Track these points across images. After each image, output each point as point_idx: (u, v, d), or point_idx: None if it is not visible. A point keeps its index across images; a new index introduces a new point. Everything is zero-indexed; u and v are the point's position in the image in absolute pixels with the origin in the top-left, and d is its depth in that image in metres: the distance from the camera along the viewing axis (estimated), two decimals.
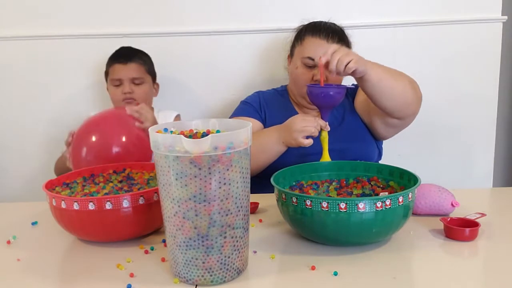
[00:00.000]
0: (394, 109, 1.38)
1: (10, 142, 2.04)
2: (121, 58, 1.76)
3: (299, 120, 1.32)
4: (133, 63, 1.76)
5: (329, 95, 1.33)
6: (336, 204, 0.95)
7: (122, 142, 1.42)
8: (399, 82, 1.34)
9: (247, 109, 1.63)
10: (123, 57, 1.76)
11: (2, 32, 1.95)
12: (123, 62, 1.75)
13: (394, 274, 0.92)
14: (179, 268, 0.90)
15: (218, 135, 0.83)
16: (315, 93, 1.34)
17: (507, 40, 2.06)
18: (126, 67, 1.75)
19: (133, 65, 1.76)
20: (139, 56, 1.79)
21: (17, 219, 1.29)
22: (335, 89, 1.33)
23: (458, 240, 1.05)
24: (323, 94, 1.33)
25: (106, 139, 1.43)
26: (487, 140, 2.03)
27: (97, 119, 1.51)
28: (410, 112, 1.44)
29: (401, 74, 1.38)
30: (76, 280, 0.95)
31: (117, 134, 1.44)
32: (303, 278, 0.91)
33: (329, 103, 1.34)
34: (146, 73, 1.79)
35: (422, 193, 1.19)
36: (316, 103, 1.36)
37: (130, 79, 1.74)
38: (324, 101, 1.34)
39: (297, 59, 1.56)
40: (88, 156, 1.42)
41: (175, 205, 0.86)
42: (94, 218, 1.04)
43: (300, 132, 1.31)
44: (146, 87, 1.78)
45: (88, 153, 1.42)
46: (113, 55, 1.79)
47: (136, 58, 1.77)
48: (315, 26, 1.57)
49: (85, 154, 1.42)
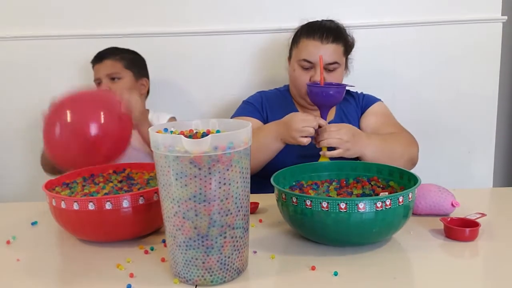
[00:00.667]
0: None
1: (10, 142, 2.04)
2: (97, 58, 1.77)
3: (299, 119, 1.32)
4: (107, 60, 1.75)
5: (328, 94, 1.33)
6: (336, 204, 0.95)
7: (100, 120, 1.36)
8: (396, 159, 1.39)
9: (248, 108, 1.63)
10: (99, 57, 1.77)
11: (2, 32, 1.95)
12: (98, 61, 1.76)
13: (394, 274, 0.92)
14: (179, 268, 0.90)
15: (218, 135, 0.83)
16: (315, 92, 1.34)
17: (507, 40, 2.06)
18: (101, 65, 1.75)
19: (108, 62, 1.75)
20: (116, 53, 1.77)
21: (17, 219, 1.29)
22: (335, 88, 1.34)
23: (458, 240, 1.05)
24: (323, 93, 1.33)
25: (83, 116, 1.36)
26: (487, 140, 2.03)
27: (74, 96, 1.44)
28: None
29: (404, 146, 1.46)
30: (76, 280, 0.95)
31: (95, 111, 1.37)
32: (303, 278, 0.91)
33: (328, 102, 1.35)
34: (123, 68, 1.76)
35: (422, 193, 1.19)
36: (316, 102, 1.37)
37: (106, 75, 1.73)
38: (324, 100, 1.34)
39: (294, 61, 1.57)
40: (63, 134, 1.35)
41: (175, 205, 0.86)
42: (94, 218, 1.04)
43: (299, 132, 1.31)
44: (125, 83, 1.75)
45: (62, 130, 1.35)
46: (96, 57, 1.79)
47: (112, 55, 1.76)
48: (310, 28, 1.57)
49: (59, 132, 1.35)
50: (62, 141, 1.35)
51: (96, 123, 1.35)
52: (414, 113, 1.96)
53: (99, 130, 1.35)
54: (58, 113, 1.37)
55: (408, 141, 1.50)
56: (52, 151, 1.39)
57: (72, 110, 1.37)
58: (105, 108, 1.40)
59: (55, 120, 1.37)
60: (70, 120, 1.35)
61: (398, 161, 1.38)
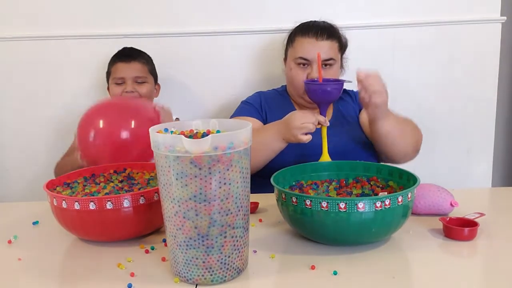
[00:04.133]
0: (388, 156, 1.49)
1: (11, 142, 2.05)
2: (124, 56, 1.76)
3: (299, 116, 1.33)
4: (136, 62, 1.76)
5: (326, 91, 1.33)
6: (335, 204, 0.95)
7: (132, 127, 1.36)
8: (405, 139, 1.44)
9: (248, 109, 1.63)
10: (127, 56, 1.76)
11: (3, 33, 1.95)
12: (126, 60, 1.75)
13: (394, 273, 0.93)
14: (180, 267, 0.90)
15: (218, 135, 0.84)
16: (313, 89, 1.34)
17: (506, 41, 2.06)
18: (129, 65, 1.75)
19: (137, 64, 1.76)
20: (142, 56, 1.80)
21: (18, 218, 1.29)
22: (333, 85, 1.34)
23: (457, 240, 1.06)
24: (321, 90, 1.33)
25: (116, 123, 1.37)
26: (486, 140, 2.03)
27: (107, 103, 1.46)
28: (402, 162, 1.51)
29: (412, 130, 1.48)
30: (76, 279, 0.96)
31: (127, 118, 1.38)
32: (303, 278, 0.92)
33: (327, 98, 1.35)
34: (148, 73, 1.79)
35: (421, 193, 1.19)
36: (314, 99, 1.37)
37: (133, 78, 1.74)
38: (322, 97, 1.34)
39: (290, 61, 1.59)
40: (96, 140, 1.35)
41: (175, 205, 0.86)
42: (94, 218, 1.04)
43: (299, 129, 1.31)
44: (149, 87, 1.79)
45: (97, 136, 1.35)
46: (116, 54, 1.79)
47: (140, 58, 1.78)
48: (304, 26, 1.60)
49: (93, 137, 1.35)
50: (94, 146, 1.36)
51: (127, 127, 1.35)
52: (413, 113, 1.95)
53: (131, 135, 1.35)
54: (92, 119, 1.39)
55: (414, 125, 1.52)
56: (86, 153, 1.40)
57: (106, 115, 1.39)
58: (138, 114, 1.41)
59: (89, 126, 1.38)
60: (104, 125, 1.37)
61: (406, 140, 1.44)
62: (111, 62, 1.80)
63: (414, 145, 1.48)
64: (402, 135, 1.42)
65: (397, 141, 1.42)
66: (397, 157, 1.49)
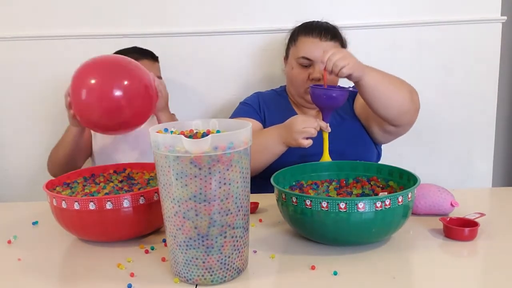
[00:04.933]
0: (389, 116, 1.40)
1: (10, 142, 2.04)
2: (149, 56, 1.76)
3: (300, 121, 1.32)
4: (157, 63, 1.79)
5: (332, 97, 1.33)
6: (336, 204, 0.95)
7: (127, 86, 1.35)
8: (396, 90, 1.36)
9: (246, 109, 1.63)
10: (152, 56, 1.77)
11: (3, 33, 1.95)
12: (152, 60, 1.76)
13: (394, 273, 0.93)
14: (180, 267, 0.90)
15: (218, 135, 0.84)
16: (318, 94, 1.34)
17: (506, 41, 2.06)
18: (154, 65, 1.76)
19: (158, 66, 1.79)
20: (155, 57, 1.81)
21: (18, 219, 1.29)
22: (338, 91, 1.34)
23: (457, 240, 1.06)
24: (326, 95, 1.33)
25: (111, 80, 1.36)
26: (487, 140, 2.03)
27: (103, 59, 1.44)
28: (406, 121, 1.45)
29: (401, 82, 1.39)
30: (76, 279, 0.96)
31: (122, 77, 1.37)
32: (303, 278, 0.92)
33: (331, 104, 1.35)
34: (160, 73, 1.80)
35: (422, 193, 1.19)
36: (318, 104, 1.37)
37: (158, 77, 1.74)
38: (327, 102, 1.34)
39: (292, 60, 1.58)
40: (89, 98, 1.34)
41: (175, 205, 0.86)
42: (94, 218, 1.04)
43: (300, 133, 1.31)
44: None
45: (89, 94, 1.35)
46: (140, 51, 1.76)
47: (155, 58, 1.79)
48: (307, 26, 1.58)
49: (85, 95, 1.35)
50: (87, 104, 1.35)
51: (122, 85, 1.35)
52: None
53: (125, 93, 1.34)
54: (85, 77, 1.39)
55: (402, 79, 1.42)
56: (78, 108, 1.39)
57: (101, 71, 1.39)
58: (135, 75, 1.39)
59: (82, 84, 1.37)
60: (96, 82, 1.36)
61: (398, 91, 1.35)
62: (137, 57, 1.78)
63: (409, 96, 1.38)
64: (391, 85, 1.34)
65: (389, 92, 1.33)
66: (397, 113, 1.38)
